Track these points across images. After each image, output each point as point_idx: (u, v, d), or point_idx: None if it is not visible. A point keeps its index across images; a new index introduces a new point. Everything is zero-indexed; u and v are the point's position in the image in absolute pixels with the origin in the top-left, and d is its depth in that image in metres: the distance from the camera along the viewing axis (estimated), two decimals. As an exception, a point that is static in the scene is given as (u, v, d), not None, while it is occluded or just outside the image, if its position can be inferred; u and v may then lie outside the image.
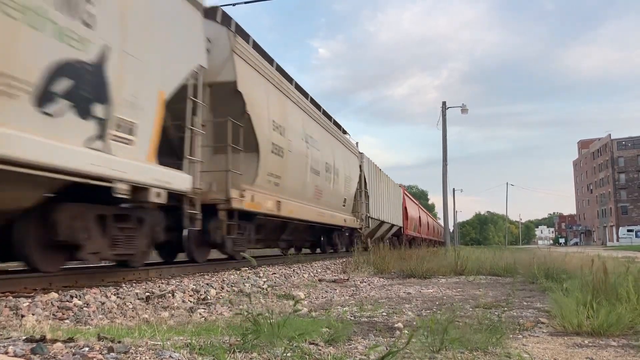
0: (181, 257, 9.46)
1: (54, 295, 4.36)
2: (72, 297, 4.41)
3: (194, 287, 5.81)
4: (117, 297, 4.75)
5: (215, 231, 7.87)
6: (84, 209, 5.27)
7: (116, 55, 4.98)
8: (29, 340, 2.29)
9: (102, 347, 2.21)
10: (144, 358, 2.14)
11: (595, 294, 3.97)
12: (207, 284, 6.12)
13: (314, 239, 15.81)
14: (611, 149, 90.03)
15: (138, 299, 4.89)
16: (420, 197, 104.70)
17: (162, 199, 5.86)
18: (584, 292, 4.20)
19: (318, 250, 16.84)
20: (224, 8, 7.90)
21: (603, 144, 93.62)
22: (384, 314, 4.46)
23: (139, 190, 5.49)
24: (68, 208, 5.07)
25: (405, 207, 30.01)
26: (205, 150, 7.44)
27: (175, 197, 6.40)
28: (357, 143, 19.39)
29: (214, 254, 9.84)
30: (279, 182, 9.93)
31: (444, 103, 27.19)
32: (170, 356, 2.18)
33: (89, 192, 5.06)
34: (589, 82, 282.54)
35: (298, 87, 11.67)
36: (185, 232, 7.61)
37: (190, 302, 5.17)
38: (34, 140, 4.00)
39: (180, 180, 6.32)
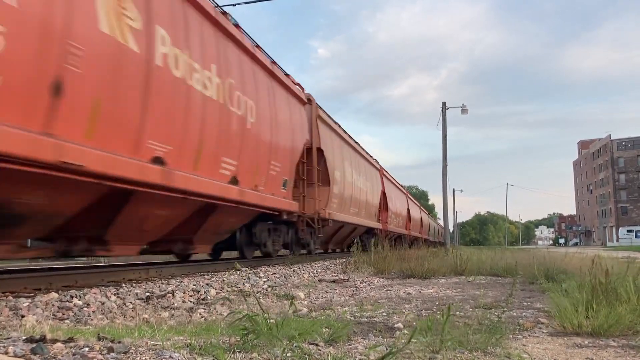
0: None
1: (54, 295, 4.36)
2: (72, 297, 4.42)
3: (194, 287, 5.82)
4: (117, 297, 4.76)
5: None
6: None
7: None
8: (29, 340, 2.29)
9: (102, 347, 2.21)
10: (144, 358, 2.14)
11: (595, 295, 3.97)
12: (207, 284, 6.12)
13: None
14: (611, 150, 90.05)
15: (138, 299, 4.89)
16: (420, 197, 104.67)
17: None
18: (583, 292, 4.20)
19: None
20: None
21: (603, 144, 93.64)
22: (384, 314, 4.46)
23: None
24: None
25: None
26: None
27: None
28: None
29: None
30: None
31: (443, 104, 27.20)
32: (170, 356, 2.18)
33: None
34: (589, 82, 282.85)
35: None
36: None
37: (190, 302, 5.17)
38: None
39: None
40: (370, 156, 21.06)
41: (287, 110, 10.67)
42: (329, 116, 14.37)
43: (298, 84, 11.81)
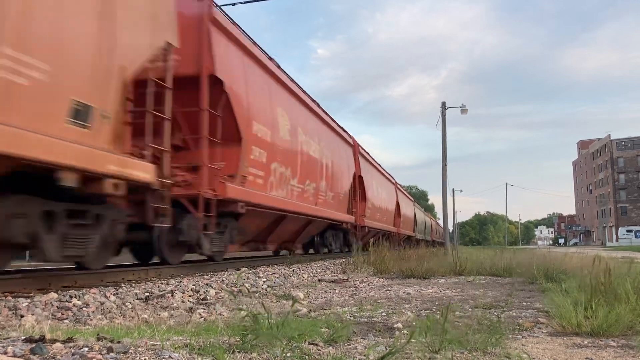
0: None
1: (53, 295, 4.36)
2: (71, 297, 4.41)
3: (194, 287, 5.81)
4: (117, 297, 4.75)
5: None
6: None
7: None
8: (28, 340, 2.29)
9: (101, 347, 2.21)
10: (143, 358, 2.14)
11: (594, 295, 3.97)
12: (207, 284, 6.12)
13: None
14: (611, 150, 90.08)
15: (137, 299, 4.89)
16: (420, 197, 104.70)
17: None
18: (583, 292, 4.20)
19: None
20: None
21: (603, 144, 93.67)
22: (384, 314, 4.46)
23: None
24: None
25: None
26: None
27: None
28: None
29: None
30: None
31: (443, 103, 27.22)
32: (169, 356, 2.18)
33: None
34: (589, 82, 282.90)
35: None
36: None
37: (190, 302, 5.17)
38: None
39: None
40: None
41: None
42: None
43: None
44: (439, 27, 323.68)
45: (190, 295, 5.44)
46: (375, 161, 22.16)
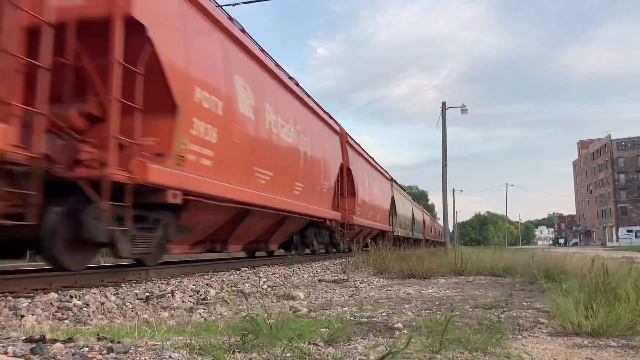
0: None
1: (53, 295, 4.36)
2: (71, 297, 4.42)
3: (194, 287, 5.82)
4: (117, 297, 4.76)
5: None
6: None
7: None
8: (29, 340, 2.29)
9: (101, 347, 2.21)
10: (143, 358, 2.14)
11: (594, 295, 3.97)
12: (207, 284, 6.12)
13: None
14: (611, 150, 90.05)
15: (138, 299, 4.89)
16: (420, 197, 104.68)
17: None
18: (583, 292, 4.20)
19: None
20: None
21: (603, 144, 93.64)
22: (384, 314, 4.46)
23: None
24: None
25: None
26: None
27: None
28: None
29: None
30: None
31: (443, 103, 27.21)
32: (170, 356, 2.18)
33: None
34: (589, 82, 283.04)
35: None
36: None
37: (190, 302, 5.17)
38: None
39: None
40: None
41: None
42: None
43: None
44: (439, 27, 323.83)
45: (190, 296, 5.44)
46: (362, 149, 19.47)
